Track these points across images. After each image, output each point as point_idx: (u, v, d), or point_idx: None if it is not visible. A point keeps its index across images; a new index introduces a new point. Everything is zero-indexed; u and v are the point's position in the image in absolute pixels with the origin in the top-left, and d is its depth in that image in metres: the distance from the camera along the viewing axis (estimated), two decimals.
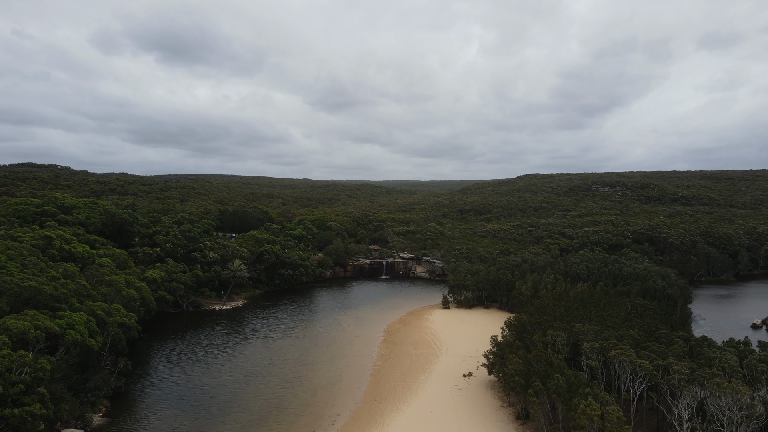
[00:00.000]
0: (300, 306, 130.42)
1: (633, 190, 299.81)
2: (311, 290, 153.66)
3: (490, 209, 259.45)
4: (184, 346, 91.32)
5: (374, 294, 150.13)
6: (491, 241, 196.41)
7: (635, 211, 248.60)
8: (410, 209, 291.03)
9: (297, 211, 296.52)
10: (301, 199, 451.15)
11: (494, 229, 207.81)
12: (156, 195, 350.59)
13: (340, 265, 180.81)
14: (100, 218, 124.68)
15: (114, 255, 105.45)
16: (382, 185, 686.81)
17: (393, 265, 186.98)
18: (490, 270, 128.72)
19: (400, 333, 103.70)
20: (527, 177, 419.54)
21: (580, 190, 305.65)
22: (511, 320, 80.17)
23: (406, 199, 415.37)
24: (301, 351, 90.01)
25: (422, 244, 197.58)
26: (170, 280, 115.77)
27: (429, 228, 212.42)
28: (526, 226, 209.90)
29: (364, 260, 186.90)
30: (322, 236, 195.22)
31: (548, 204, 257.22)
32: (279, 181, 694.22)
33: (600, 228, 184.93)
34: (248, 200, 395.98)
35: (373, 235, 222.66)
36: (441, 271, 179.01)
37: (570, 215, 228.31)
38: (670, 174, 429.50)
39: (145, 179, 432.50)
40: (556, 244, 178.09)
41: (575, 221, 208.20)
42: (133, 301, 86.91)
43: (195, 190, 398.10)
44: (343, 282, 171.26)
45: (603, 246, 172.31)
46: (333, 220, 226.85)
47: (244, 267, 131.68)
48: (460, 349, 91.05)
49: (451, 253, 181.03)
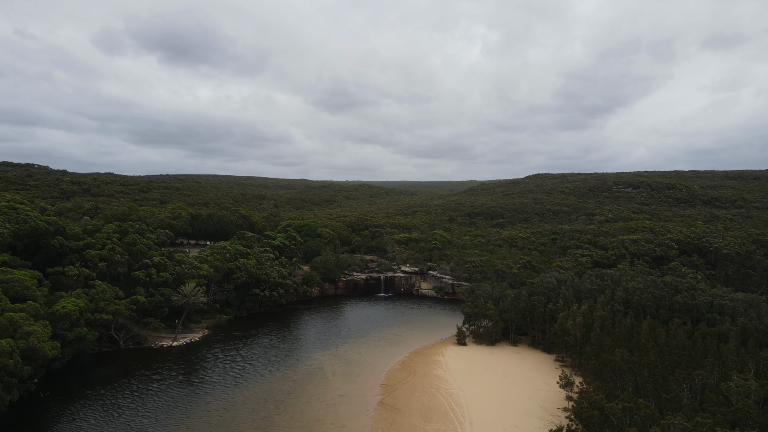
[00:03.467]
0: (273, 340, 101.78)
1: (658, 191, 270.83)
2: (292, 315, 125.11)
3: (502, 213, 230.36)
4: (90, 412, 62.46)
5: (370, 320, 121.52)
6: (508, 252, 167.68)
7: (667, 215, 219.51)
8: (412, 213, 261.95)
9: (286, 215, 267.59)
10: (295, 201, 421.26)
11: (511, 236, 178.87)
12: (134, 196, 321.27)
13: (329, 281, 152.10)
14: (11, 228, 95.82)
15: (9, 281, 76.70)
16: (381, 186, 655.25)
17: (393, 281, 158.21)
18: (520, 295, 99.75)
19: (404, 389, 75.10)
20: (537, 177, 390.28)
21: (599, 191, 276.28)
22: (580, 406, 51.36)
23: (406, 200, 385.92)
24: (259, 423, 61.24)
25: (427, 255, 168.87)
26: (97, 310, 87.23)
27: (435, 235, 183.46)
28: (548, 234, 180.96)
29: (359, 274, 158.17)
30: (310, 246, 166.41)
31: (568, 207, 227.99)
32: (274, 181, 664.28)
33: (639, 236, 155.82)
34: (236, 202, 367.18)
35: (370, 243, 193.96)
36: (450, 288, 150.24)
37: (596, 220, 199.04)
38: (690, 174, 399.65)
39: (127, 179, 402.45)
40: (588, 255, 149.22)
41: (605, 228, 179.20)
42: (5, 357, 58.39)
43: (179, 191, 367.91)
44: (333, 302, 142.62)
45: (645, 259, 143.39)
46: (324, 226, 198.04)
47: (201, 289, 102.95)
48: (491, 421, 62.53)
49: (462, 267, 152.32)
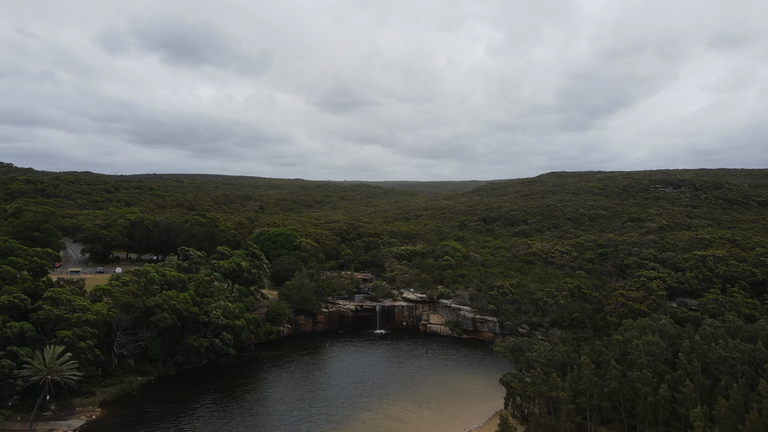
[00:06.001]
0: (203, 422, 61.74)
1: (704, 190, 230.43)
2: (244, 371, 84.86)
3: (524, 217, 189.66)
4: None
5: (357, 380, 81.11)
6: (544, 271, 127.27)
7: (726, 220, 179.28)
8: (415, 217, 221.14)
9: (266, 219, 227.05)
10: (284, 202, 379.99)
11: (544, 250, 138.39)
12: (95, 197, 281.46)
13: (306, 313, 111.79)
14: None
15: None
16: (380, 185, 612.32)
17: (392, 312, 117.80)
18: (611, 373, 58.74)
19: None
20: (554, 175, 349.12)
21: (634, 191, 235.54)
22: None
23: (407, 201, 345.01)
24: None
25: (437, 275, 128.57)
26: None
27: (446, 248, 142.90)
28: (593, 246, 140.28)
29: (347, 304, 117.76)
30: (282, 264, 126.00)
31: (605, 210, 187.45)
32: (267, 181, 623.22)
33: (723, 252, 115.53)
34: (217, 204, 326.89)
35: (364, 256, 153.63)
36: (471, 324, 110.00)
37: (649, 227, 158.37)
38: (719, 171, 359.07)
39: (92, 178, 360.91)
40: (658, 279, 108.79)
41: (669, 239, 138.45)
42: None
43: (152, 191, 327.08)
44: (309, 345, 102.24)
45: (741, 284, 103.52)
46: (307, 235, 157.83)
47: (69, 356, 62.49)
48: None
49: (486, 294, 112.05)
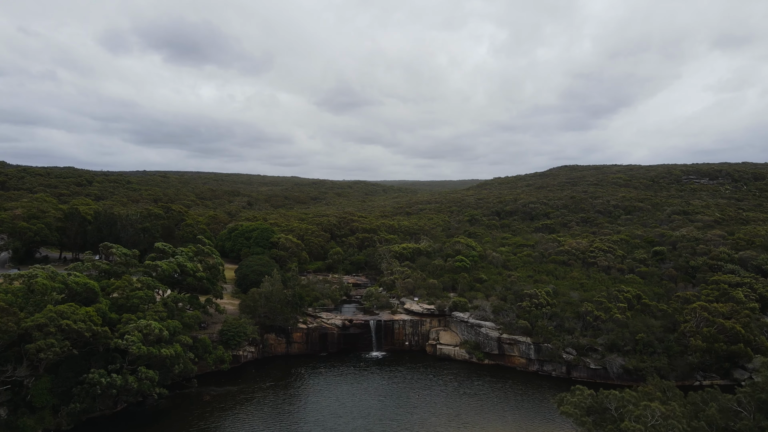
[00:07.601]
0: None
1: (744, 182, 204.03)
2: (178, 419, 57.52)
3: (546, 211, 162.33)
4: None
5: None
6: (585, 274, 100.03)
7: None
8: (417, 212, 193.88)
9: (248, 213, 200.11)
10: (276, 198, 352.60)
11: (580, 248, 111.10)
12: (62, 191, 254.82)
13: (278, 331, 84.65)
14: None
15: None
16: (378, 184, 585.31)
17: (391, 329, 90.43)
18: None
19: None
20: (566, 168, 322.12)
21: (666, 182, 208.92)
22: None
23: (407, 198, 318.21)
24: None
25: (448, 279, 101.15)
26: None
27: (457, 246, 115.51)
28: (642, 243, 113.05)
29: (332, 317, 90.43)
30: (250, 265, 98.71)
31: (642, 202, 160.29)
32: (261, 178, 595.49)
33: None
34: (201, 199, 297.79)
35: (357, 256, 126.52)
36: (496, 346, 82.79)
37: (702, 220, 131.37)
38: (744, 165, 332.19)
39: (64, 171, 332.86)
40: (745, 285, 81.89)
41: (741, 234, 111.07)
42: None
43: (130, 185, 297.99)
44: (280, 374, 74.92)
45: None
46: (290, 231, 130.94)
47: None
48: None
49: (514, 305, 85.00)
